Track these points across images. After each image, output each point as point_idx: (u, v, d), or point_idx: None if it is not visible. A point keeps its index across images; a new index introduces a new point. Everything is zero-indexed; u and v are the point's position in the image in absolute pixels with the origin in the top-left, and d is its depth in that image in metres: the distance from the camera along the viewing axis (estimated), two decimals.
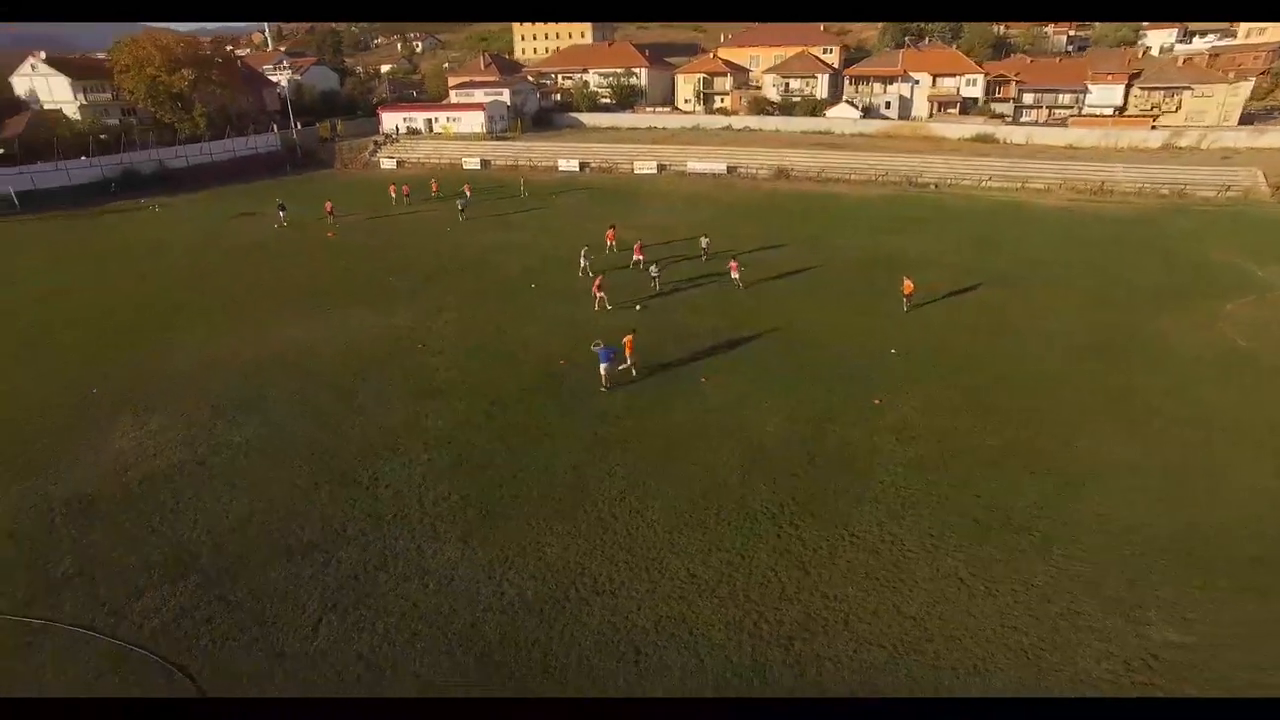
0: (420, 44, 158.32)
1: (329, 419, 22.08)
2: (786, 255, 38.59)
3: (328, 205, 50.91)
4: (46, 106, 75.99)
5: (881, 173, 60.61)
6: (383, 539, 16.60)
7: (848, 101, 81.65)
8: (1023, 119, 79.11)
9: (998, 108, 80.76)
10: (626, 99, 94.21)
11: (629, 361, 23.81)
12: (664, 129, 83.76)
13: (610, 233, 39.39)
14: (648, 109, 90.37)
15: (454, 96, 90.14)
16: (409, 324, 30.03)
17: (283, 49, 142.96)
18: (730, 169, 65.09)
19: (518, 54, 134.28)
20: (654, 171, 66.81)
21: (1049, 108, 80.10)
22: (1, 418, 22.62)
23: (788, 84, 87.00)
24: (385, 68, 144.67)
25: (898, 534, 16.27)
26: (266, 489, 18.64)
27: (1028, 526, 16.44)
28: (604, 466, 19.29)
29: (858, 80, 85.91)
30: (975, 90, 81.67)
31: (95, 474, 19.47)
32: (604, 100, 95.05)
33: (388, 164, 77.36)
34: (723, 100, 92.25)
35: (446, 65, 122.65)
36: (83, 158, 64.26)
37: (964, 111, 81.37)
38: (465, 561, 15.80)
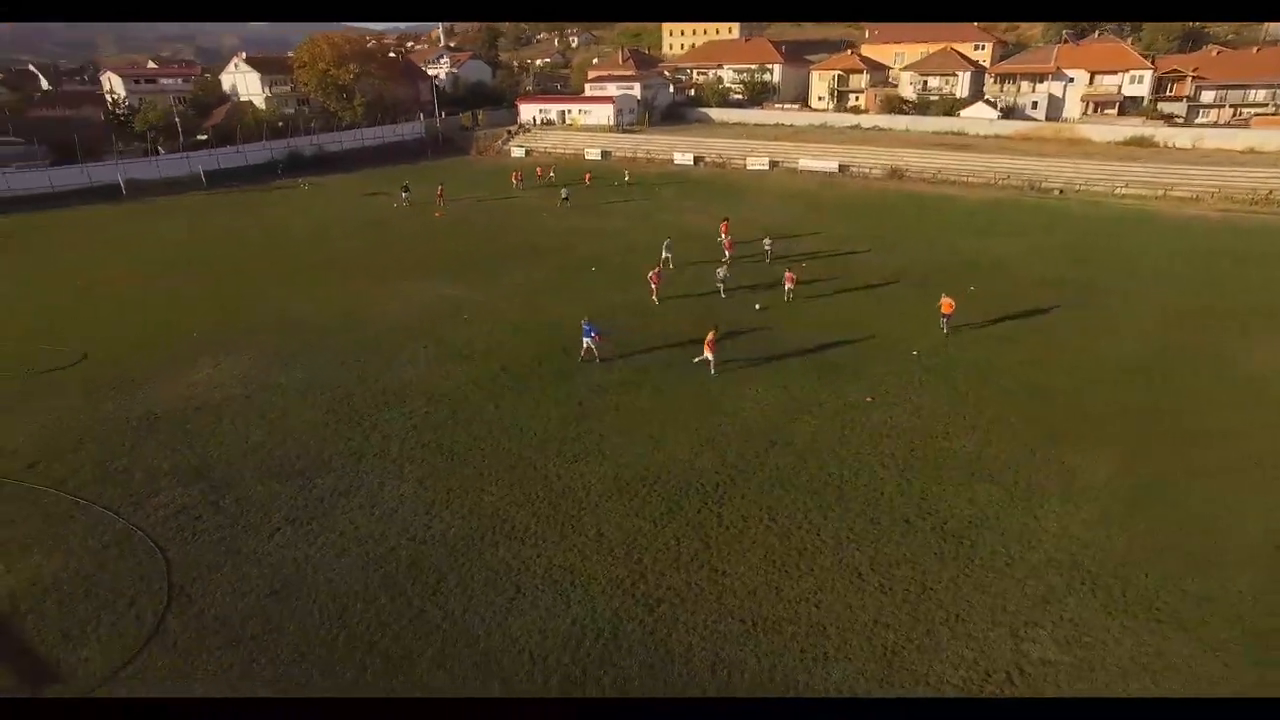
0: (575, 39, 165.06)
1: (361, 372, 24.86)
2: (860, 256, 37.59)
3: (439, 189, 55.36)
4: (242, 99, 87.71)
5: (1003, 176, 56.70)
6: (356, 472, 18.80)
7: (986, 101, 76.52)
8: (1198, 119, 70.58)
9: (1167, 107, 72.51)
10: (758, 95, 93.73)
11: (710, 358, 23.32)
12: (790, 126, 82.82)
13: (724, 226, 37.95)
14: (776, 106, 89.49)
15: (589, 90, 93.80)
16: (466, 295, 32.66)
17: (452, 44, 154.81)
18: (842, 168, 63.43)
19: (664, 49, 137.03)
20: (765, 168, 66.46)
21: (1235, 106, 70.92)
22: (118, 351, 27.37)
23: (925, 82, 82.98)
24: (540, 61, 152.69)
25: (818, 523, 16.22)
26: (286, 423, 21.51)
27: (960, 534, 15.80)
28: (573, 431, 20.50)
29: (1003, 79, 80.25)
30: (1140, 88, 73.78)
31: (166, 399, 23.30)
32: (736, 96, 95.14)
33: (517, 152, 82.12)
34: (857, 99, 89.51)
35: (596, 60, 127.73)
36: (258, 142, 73.70)
37: (1123, 112, 73.82)
38: (413, 498, 17.62)
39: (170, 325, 29.83)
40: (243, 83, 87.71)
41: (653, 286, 30.41)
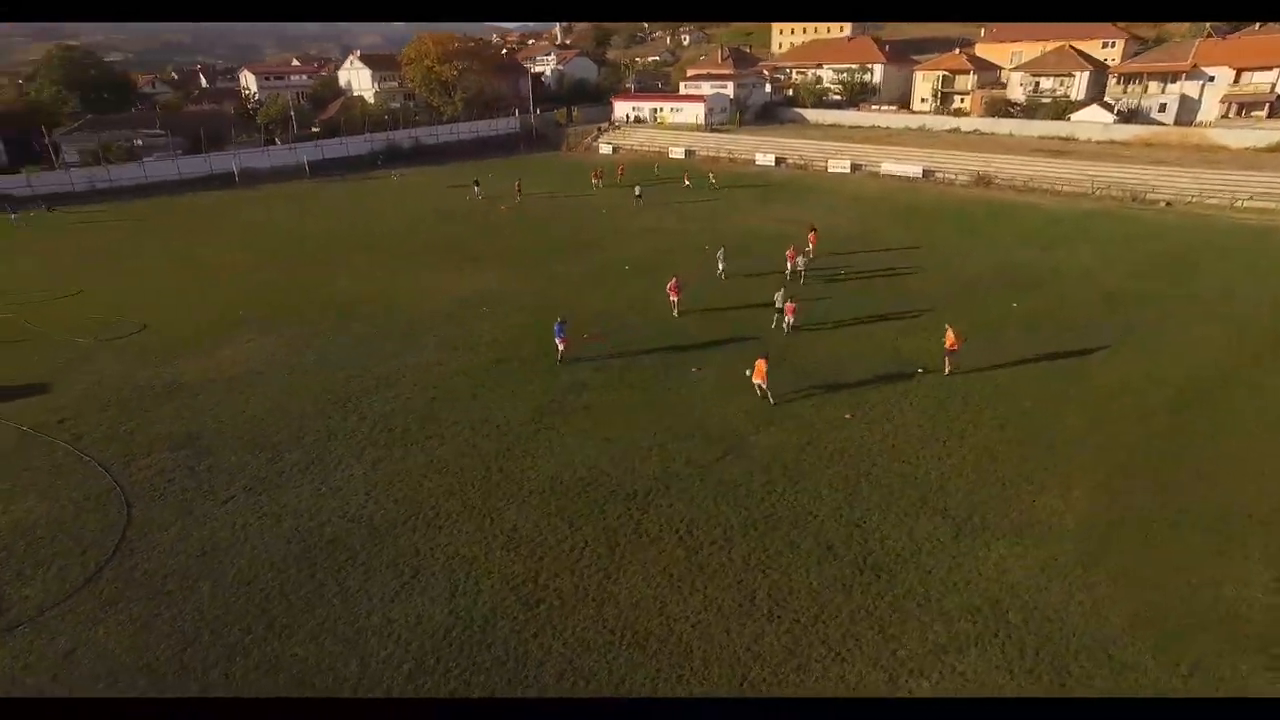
0: (687, 37, 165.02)
1: (370, 356, 26.15)
2: (909, 264, 35.58)
3: (516, 184, 57.05)
4: (355, 94, 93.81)
5: (1102, 185, 51.93)
6: (322, 451, 19.86)
7: (1102, 103, 70.25)
8: None
9: None
10: (856, 96, 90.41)
11: (762, 384, 21.47)
12: (886, 128, 79.40)
13: (812, 236, 36.02)
14: (873, 107, 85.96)
15: (683, 88, 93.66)
16: (498, 288, 33.63)
17: (568, 42, 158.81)
18: (926, 173, 60.18)
19: (773, 48, 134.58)
20: (846, 171, 64.09)
21: None
22: (173, 324, 30.17)
23: (1037, 83, 77.20)
24: (650, 59, 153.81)
25: (735, 541, 15.65)
26: (283, 400, 22.99)
27: (882, 568, 14.79)
28: (535, 427, 20.75)
29: (1127, 78, 73.35)
30: None
31: (191, 371, 25.45)
32: (834, 96, 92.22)
33: (605, 149, 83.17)
34: (962, 100, 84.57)
35: (703, 58, 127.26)
36: (359, 135, 78.57)
37: (1273, 114, 65.67)
38: (360, 479, 18.43)
39: (226, 303, 32.48)
40: (356, 79, 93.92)
41: (672, 299, 28.72)
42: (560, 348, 24.46)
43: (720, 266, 32.93)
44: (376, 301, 32.09)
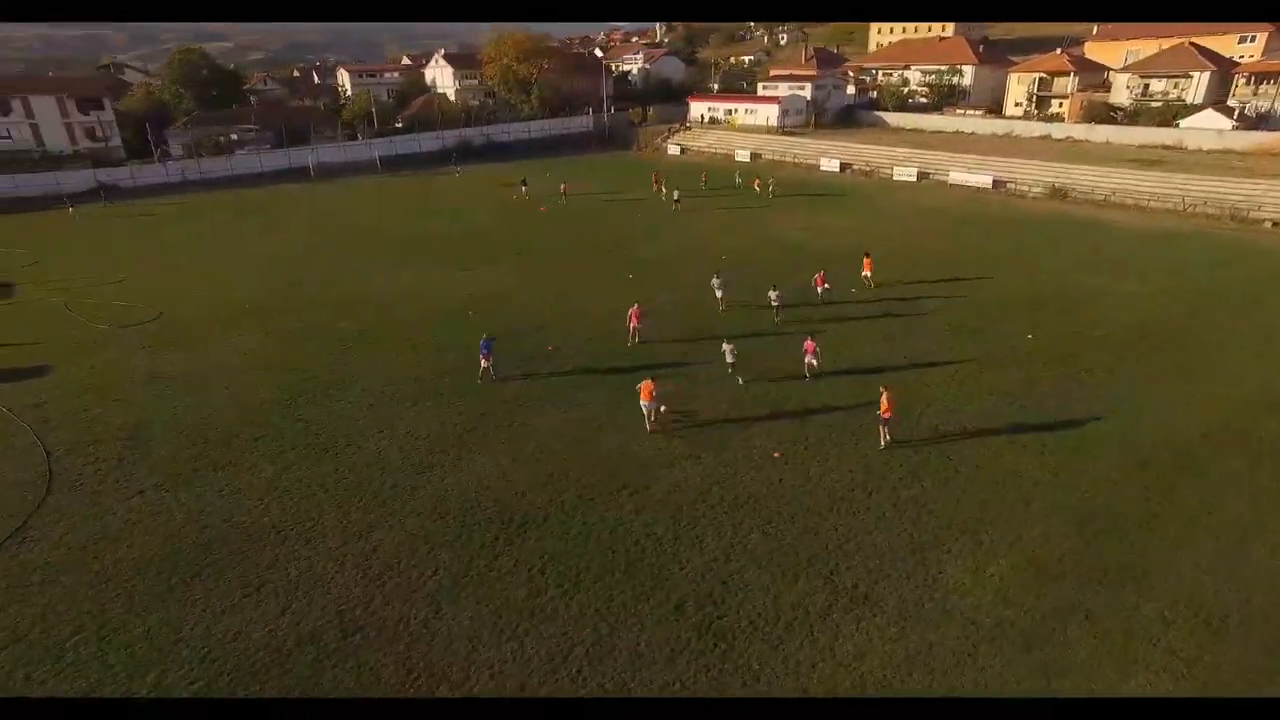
0: (784, 36, 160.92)
1: (342, 357, 26.68)
2: (939, 285, 32.89)
3: (562, 184, 57.21)
4: (438, 91, 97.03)
5: (1197, 201, 46.31)
6: (245, 453, 20.25)
7: (1220, 107, 62.78)
8: None
9: None
10: (944, 98, 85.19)
11: (653, 407, 20.34)
12: (969, 133, 74.44)
13: (868, 262, 32.28)
14: (959, 111, 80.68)
15: (761, 89, 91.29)
16: (494, 290, 33.87)
17: (665, 40, 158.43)
18: (997, 183, 55.77)
19: (871, 47, 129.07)
20: (912, 179, 60.47)
21: None
22: (186, 314, 32.00)
23: (1146, 85, 69.96)
24: (745, 58, 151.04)
25: (584, 587, 14.66)
26: (241, 397, 23.70)
27: (725, 636, 13.41)
28: (450, 442, 20.44)
29: (1259, 78, 65.21)
30: None
31: (179, 361, 26.75)
32: (921, 99, 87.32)
33: (673, 150, 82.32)
34: (1060, 104, 77.96)
35: (806, 58, 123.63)
36: (432, 131, 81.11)
37: None
38: (264, 483, 18.65)
39: (242, 295, 34.15)
40: (440, 76, 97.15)
41: (630, 326, 26.16)
42: (484, 365, 23.90)
43: (719, 294, 29.71)
44: (372, 301, 32.77)
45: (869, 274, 32.16)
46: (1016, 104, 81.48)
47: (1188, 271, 34.23)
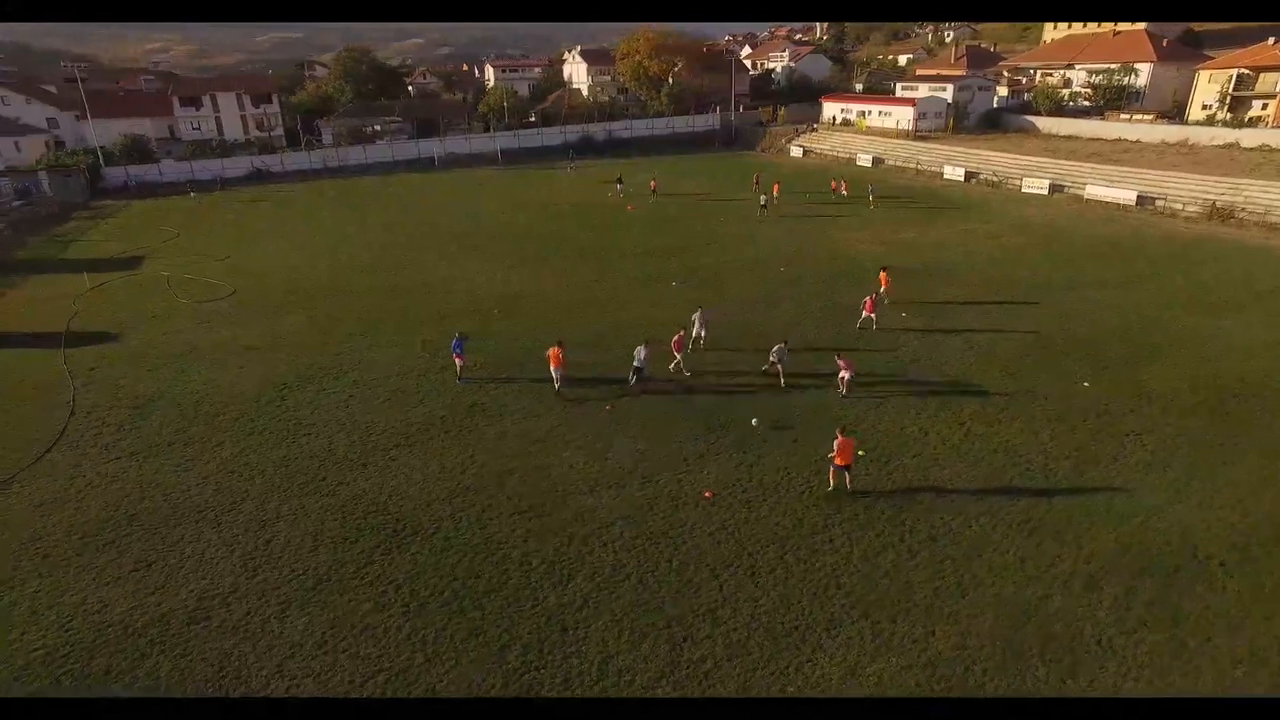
0: (950, 33, 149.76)
1: (352, 345, 27.94)
2: (1005, 308, 29.20)
3: (652, 183, 56.80)
4: (574, 87, 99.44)
5: None
6: (224, 430, 21.60)
7: None
8: None
9: None
10: (1112, 101, 75.41)
11: (556, 374, 22.29)
12: (1132, 141, 65.31)
13: (883, 277, 30.00)
14: (1123, 116, 71.01)
15: (899, 90, 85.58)
16: (533, 289, 34.12)
17: (804, 37, 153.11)
18: (1143, 199, 48.48)
19: (1045, 43, 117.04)
20: (1043, 192, 54.11)
21: None
22: (253, 294, 35.03)
23: None
24: (904, 57, 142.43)
25: (425, 609, 14.14)
26: (245, 376, 25.37)
27: (535, 646, 12.43)
28: (398, 439, 20.60)
29: None
30: None
31: (218, 339, 29.04)
32: (1083, 101, 77.96)
33: (795, 152, 79.34)
34: (1264, 106, 66.44)
35: (956, 57, 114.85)
36: (555, 126, 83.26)
37: None
38: (215, 463, 19.75)
39: (308, 280, 36.77)
40: (576, 72, 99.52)
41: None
42: (458, 365, 23.83)
43: (696, 330, 25.60)
44: (413, 293, 34.02)
45: (884, 290, 29.55)
46: (1204, 106, 70.40)
47: None
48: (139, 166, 68.21)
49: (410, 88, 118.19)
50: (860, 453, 19.17)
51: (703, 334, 25.56)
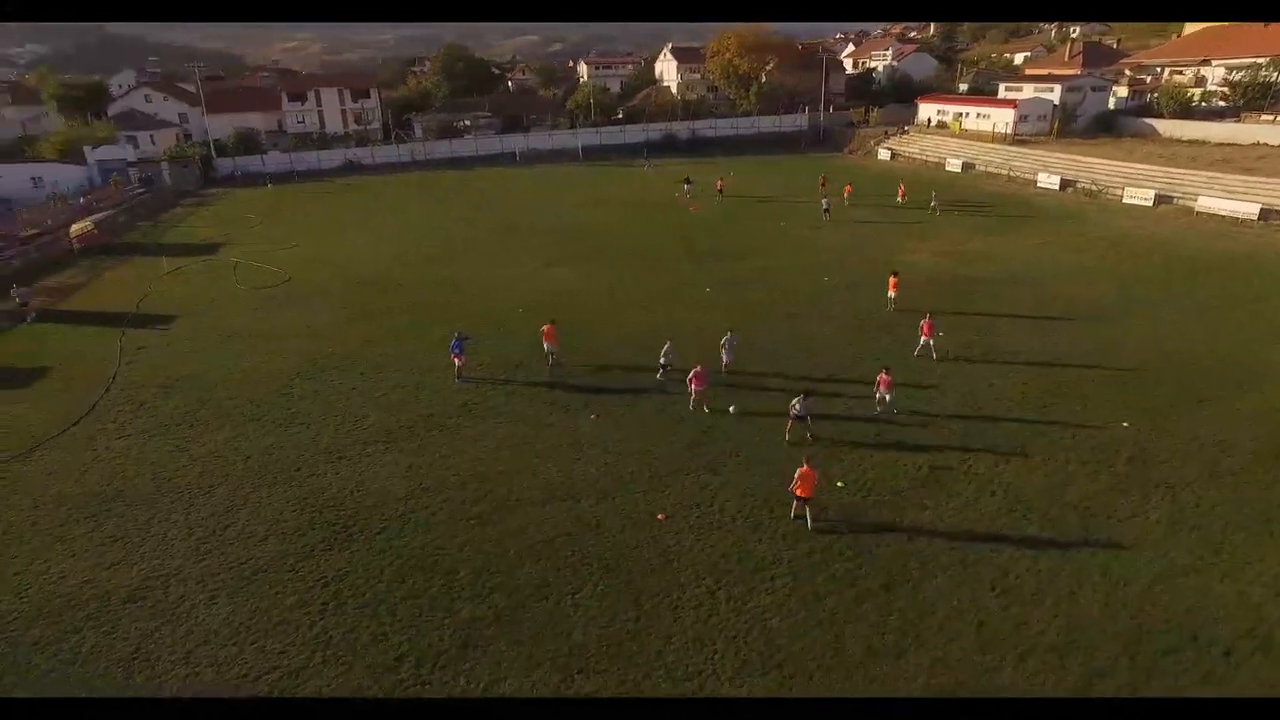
0: (1075, 29, 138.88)
1: (378, 337, 28.76)
2: (1040, 338, 26.72)
3: (718, 183, 55.76)
4: (664, 84, 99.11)
5: None
6: (224, 414, 22.67)
7: None
8: None
9: None
10: (1254, 100, 67.58)
11: (549, 350, 23.97)
12: (1273, 146, 58.27)
13: (893, 280, 29.36)
14: (1264, 116, 63.42)
15: (1002, 91, 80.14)
16: (573, 288, 34.23)
17: (918, 36, 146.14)
18: (1266, 212, 43.06)
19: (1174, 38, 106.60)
20: (1147, 203, 49.12)
21: None
22: (302, 282, 36.47)
23: None
24: (1021, 55, 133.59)
25: (326, 614, 14.20)
26: (271, 360, 26.62)
27: (433, 659, 12.17)
28: (382, 435, 20.93)
29: None
30: None
31: (257, 325, 30.57)
32: (1219, 101, 70.35)
33: (883, 155, 75.89)
34: None
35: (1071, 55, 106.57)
36: (639, 123, 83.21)
37: None
38: (207, 445, 20.71)
39: (358, 270, 38.27)
40: (667, 70, 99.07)
41: (691, 389, 21.52)
42: (457, 364, 23.88)
43: (725, 359, 23.82)
44: (457, 287, 34.73)
45: (893, 295, 29.07)
46: None
47: None
48: (245, 157, 73.30)
49: (510, 84, 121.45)
50: (839, 484, 17.96)
51: (729, 360, 23.75)
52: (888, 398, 20.86)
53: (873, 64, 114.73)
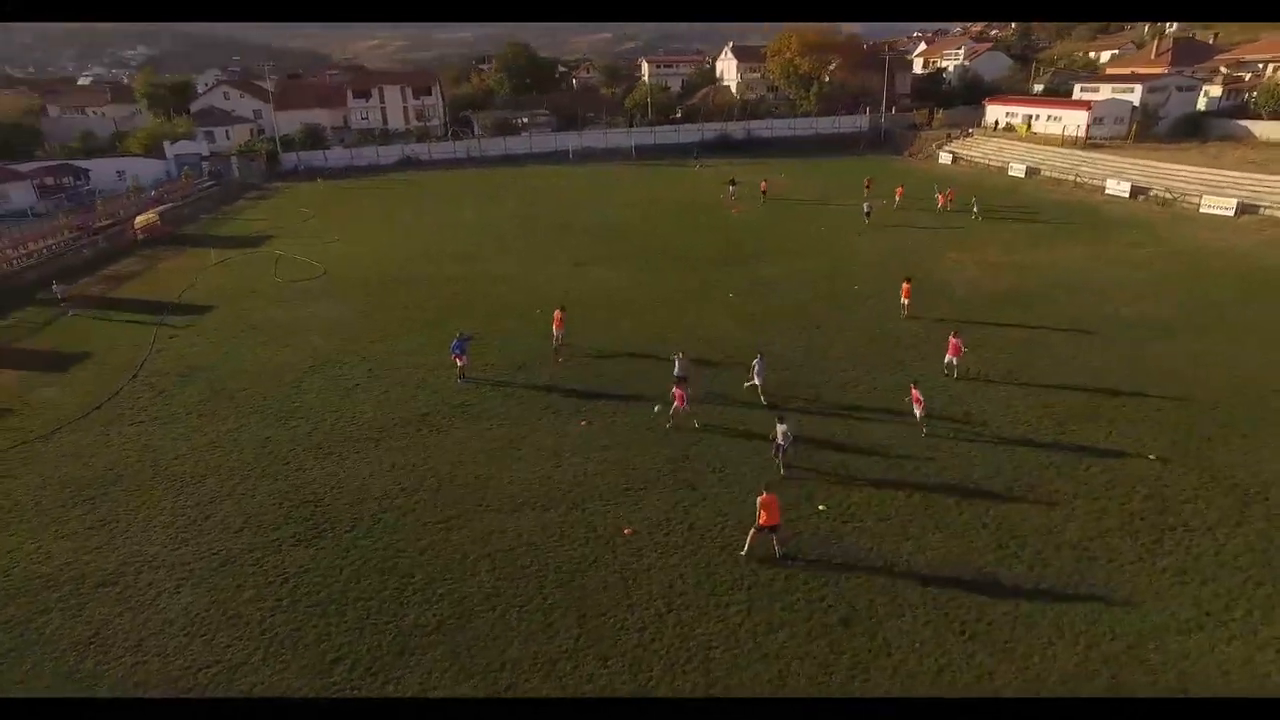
0: (1171, 25, 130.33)
1: (392, 333, 29.21)
2: (1081, 360, 25.09)
3: (762, 184, 54.67)
4: (724, 84, 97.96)
5: None
6: (234, 404, 23.38)
7: None
8: None
9: None
10: None
11: (556, 338, 24.82)
12: None
13: (905, 287, 28.95)
14: None
15: (1077, 92, 75.92)
16: (586, 290, 33.67)
17: (999, 33, 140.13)
18: None
19: None
20: (1228, 213, 45.56)
21: None
22: (338, 277, 37.52)
23: None
24: (1106, 53, 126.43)
25: (285, 609, 14.36)
26: (281, 351, 27.43)
27: (364, 669, 12.15)
28: (373, 432, 21.20)
29: None
30: None
31: (279, 317, 31.53)
32: None
33: (944, 159, 73.00)
34: None
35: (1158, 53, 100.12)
36: (694, 123, 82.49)
37: None
38: (208, 436, 21.38)
39: (389, 265, 39.06)
40: (728, 69, 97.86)
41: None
42: (458, 365, 23.92)
43: (754, 380, 22.41)
44: (485, 283, 35.14)
45: (906, 301, 28.54)
46: None
47: None
48: (308, 152, 76.05)
49: (574, 82, 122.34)
50: (821, 507, 17.17)
51: (758, 382, 22.29)
52: (918, 414, 19.97)
53: (943, 64, 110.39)
